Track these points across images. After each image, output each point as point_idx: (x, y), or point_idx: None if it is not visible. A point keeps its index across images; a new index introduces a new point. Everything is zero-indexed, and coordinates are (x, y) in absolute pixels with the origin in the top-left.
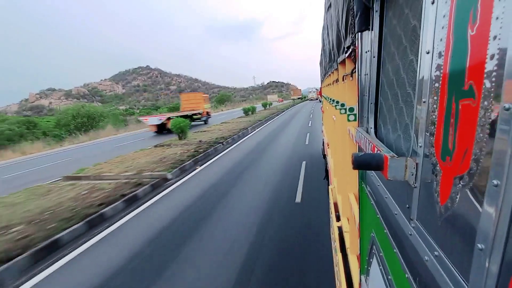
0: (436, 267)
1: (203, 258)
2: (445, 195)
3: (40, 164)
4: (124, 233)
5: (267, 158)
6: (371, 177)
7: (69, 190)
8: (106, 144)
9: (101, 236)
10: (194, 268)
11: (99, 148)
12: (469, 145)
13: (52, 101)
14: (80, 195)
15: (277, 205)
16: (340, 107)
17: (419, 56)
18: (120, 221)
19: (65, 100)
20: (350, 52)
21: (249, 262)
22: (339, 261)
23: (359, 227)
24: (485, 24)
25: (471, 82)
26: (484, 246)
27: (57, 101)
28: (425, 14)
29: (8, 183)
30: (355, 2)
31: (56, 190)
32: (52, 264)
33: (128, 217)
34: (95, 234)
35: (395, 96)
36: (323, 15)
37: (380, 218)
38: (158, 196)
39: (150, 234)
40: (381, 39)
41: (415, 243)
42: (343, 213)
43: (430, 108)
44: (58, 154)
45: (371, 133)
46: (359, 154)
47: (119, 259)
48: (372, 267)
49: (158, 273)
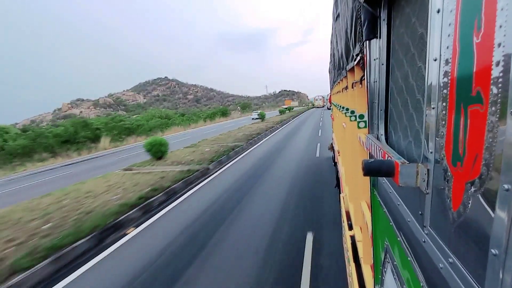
0: (451, 274)
1: (273, 176)
2: (457, 200)
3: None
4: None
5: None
6: (383, 184)
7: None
8: (179, 136)
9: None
10: (266, 183)
11: (176, 139)
12: (479, 150)
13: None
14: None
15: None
16: (350, 114)
17: (427, 63)
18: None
19: (94, 109)
20: (358, 59)
21: (294, 179)
22: (352, 271)
23: (372, 236)
24: (489, 32)
25: (479, 88)
26: (498, 251)
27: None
28: (431, 22)
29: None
30: (363, 11)
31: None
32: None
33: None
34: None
35: (405, 103)
36: (332, 24)
37: (393, 226)
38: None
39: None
40: (389, 47)
41: (429, 250)
42: (356, 221)
43: (439, 114)
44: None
45: (382, 139)
46: (369, 161)
47: (224, 186)
48: (386, 277)
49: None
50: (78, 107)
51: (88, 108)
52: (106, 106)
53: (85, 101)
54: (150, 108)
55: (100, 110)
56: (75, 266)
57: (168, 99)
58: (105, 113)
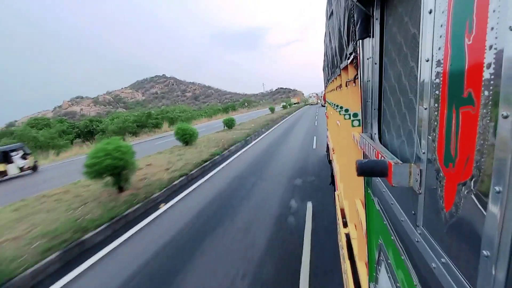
0: (444, 275)
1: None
2: (449, 201)
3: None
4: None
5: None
6: (377, 183)
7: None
8: (215, 123)
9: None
10: (296, 129)
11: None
12: (471, 152)
13: (82, 107)
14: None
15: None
16: (344, 113)
17: (419, 63)
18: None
19: (94, 106)
20: (352, 58)
21: (297, 162)
22: (347, 268)
23: (367, 234)
24: (481, 34)
25: (470, 90)
26: (489, 253)
27: (86, 107)
28: (423, 23)
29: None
30: (356, 10)
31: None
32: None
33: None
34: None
35: (398, 102)
36: (325, 22)
37: (386, 225)
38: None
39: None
40: (382, 46)
41: (422, 250)
42: (350, 219)
43: (431, 115)
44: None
45: (375, 139)
46: (363, 161)
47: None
48: (380, 275)
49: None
50: (78, 104)
51: (88, 105)
52: (105, 103)
53: (84, 98)
54: (149, 106)
55: (100, 107)
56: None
57: (167, 96)
58: (105, 111)
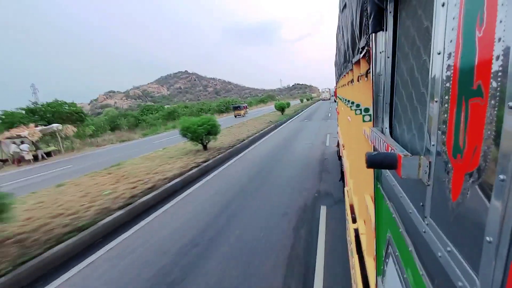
0: (449, 262)
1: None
2: (456, 191)
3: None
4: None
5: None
6: (387, 177)
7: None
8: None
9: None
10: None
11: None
12: (478, 142)
13: (116, 101)
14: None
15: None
16: (355, 108)
17: (431, 56)
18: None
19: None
20: (364, 52)
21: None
22: (355, 263)
23: (375, 228)
24: (490, 26)
25: (479, 82)
26: (492, 238)
27: (119, 101)
28: (436, 16)
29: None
30: (369, 3)
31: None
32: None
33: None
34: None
35: (410, 96)
36: (338, 15)
37: (395, 218)
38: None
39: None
40: (395, 39)
41: (428, 240)
42: (360, 215)
43: (442, 107)
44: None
45: (386, 133)
46: (372, 153)
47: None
48: (388, 268)
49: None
50: (112, 98)
51: (121, 99)
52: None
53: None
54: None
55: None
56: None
57: (190, 91)
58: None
